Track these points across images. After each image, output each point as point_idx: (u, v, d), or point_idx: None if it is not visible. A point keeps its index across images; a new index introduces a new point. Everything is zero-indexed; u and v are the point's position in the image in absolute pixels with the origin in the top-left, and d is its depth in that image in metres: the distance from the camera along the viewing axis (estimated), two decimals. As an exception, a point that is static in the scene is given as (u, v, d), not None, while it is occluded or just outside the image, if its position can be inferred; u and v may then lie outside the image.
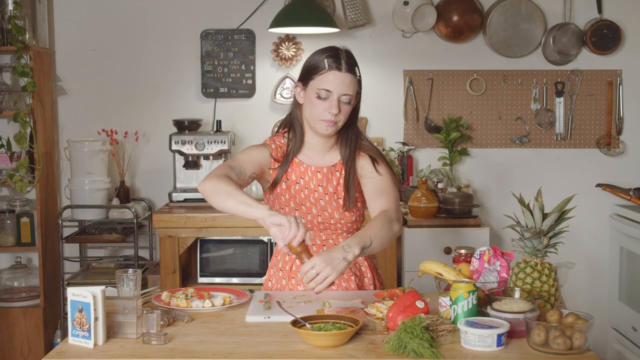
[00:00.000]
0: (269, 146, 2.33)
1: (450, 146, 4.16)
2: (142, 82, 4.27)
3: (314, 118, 2.24)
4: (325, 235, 2.36)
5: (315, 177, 2.33)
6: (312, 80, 2.22)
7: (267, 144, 2.35)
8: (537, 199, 2.05)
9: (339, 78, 2.19)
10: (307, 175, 2.33)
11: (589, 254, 4.28)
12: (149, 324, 1.91)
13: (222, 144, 3.92)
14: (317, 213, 2.32)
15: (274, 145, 2.33)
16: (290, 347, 1.83)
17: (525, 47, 4.18)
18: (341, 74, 2.19)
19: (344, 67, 2.20)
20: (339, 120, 2.23)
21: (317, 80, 2.21)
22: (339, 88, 2.19)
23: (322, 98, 2.20)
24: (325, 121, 2.22)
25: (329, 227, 2.35)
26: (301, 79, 2.28)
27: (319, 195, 2.32)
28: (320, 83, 2.20)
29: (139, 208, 4.09)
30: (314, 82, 2.22)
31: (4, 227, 4.01)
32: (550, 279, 2.02)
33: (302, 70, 2.28)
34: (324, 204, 2.32)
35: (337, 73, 2.19)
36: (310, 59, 2.26)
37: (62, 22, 4.24)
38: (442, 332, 1.88)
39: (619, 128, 4.23)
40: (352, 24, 4.15)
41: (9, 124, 4.20)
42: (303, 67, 2.29)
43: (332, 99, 2.20)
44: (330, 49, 2.25)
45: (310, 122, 2.27)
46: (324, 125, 2.23)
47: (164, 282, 3.69)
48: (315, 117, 2.23)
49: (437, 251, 3.72)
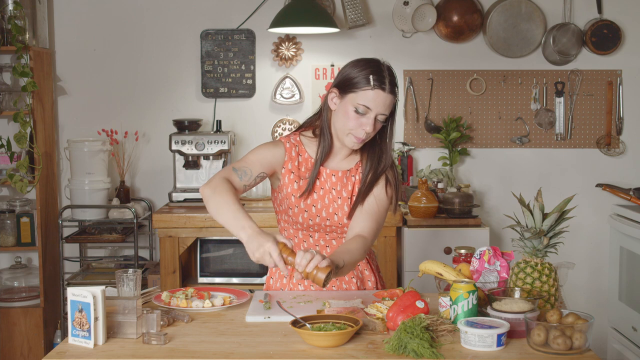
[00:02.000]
0: (283, 144, 2.31)
1: (450, 146, 4.16)
2: (142, 82, 4.27)
3: (345, 130, 2.21)
4: (330, 237, 2.36)
5: (329, 180, 2.32)
6: (352, 93, 2.18)
7: (281, 141, 2.32)
8: (537, 199, 2.05)
9: (381, 98, 2.16)
10: (322, 177, 2.32)
11: (589, 254, 4.28)
12: (149, 324, 1.91)
13: (222, 144, 3.92)
14: (326, 216, 2.31)
15: (289, 144, 2.31)
16: (290, 347, 1.83)
17: (525, 47, 4.18)
18: (384, 95, 2.17)
19: (387, 87, 2.17)
20: (369, 137, 2.22)
21: (359, 95, 2.17)
22: (379, 107, 2.17)
23: (359, 113, 2.18)
24: (356, 137, 2.21)
25: (335, 231, 2.34)
26: (339, 87, 2.23)
27: (333, 198, 2.31)
28: (361, 99, 2.17)
29: (139, 208, 4.09)
30: (354, 95, 2.18)
31: (4, 227, 4.01)
32: (550, 279, 2.02)
33: (342, 78, 2.22)
34: (336, 207, 2.31)
35: (381, 93, 2.16)
36: (352, 69, 2.21)
37: (62, 22, 4.24)
38: (442, 332, 1.88)
39: (619, 128, 4.23)
40: (352, 24, 4.15)
41: (9, 124, 4.20)
42: (342, 75, 2.23)
43: (370, 116, 2.18)
44: (374, 64, 2.20)
45: (340, 132, 2.24)
46: (354, 140, 2.21)
47: (164, 282, 3.70)
48: (348, 129, 2.21)
49: (437, 251, 3.72)
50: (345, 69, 2.23)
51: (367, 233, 2.23)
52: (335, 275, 2.00)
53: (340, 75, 2.23)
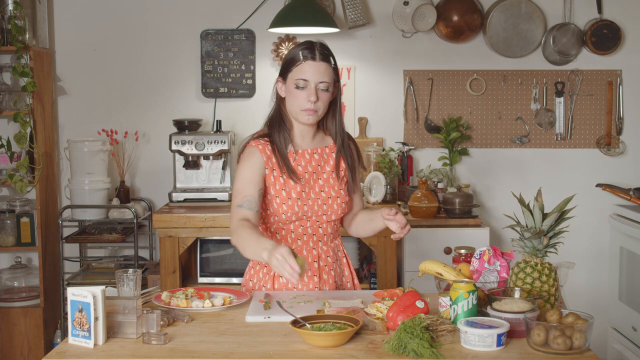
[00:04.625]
0: (255, 148, 2.37)
1: (450, 146, 4.16)
2: (142, 82, 4.27)
3: (295, 108, 2.35)
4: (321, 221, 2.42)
5: (313, 159, 2.42)
6: (290, 73, 2.35)
7: (252, 146, 2.38)
8: (537, 199, 2.05)
9: (314, 67, 2.32)
10: (304, 159, 2.41)
11: (589, 254, 4.28)
12: (149, 324, 1.91)
13: (222, 144, 3.92)
14: (319, 193, 2.39)
15: (260, 145, 2.38)
16: (290, 347, 1.84)
17: (525, 47, 4.18)
18: (316, 63, 2.32)
19: (318, 56, 2.32)
20: (319, 108, 2.35)
21: (294, 72, 2.33)
22: (315, 77, 2.32)
23: (300, 88, 2.33)
24: (306, 110, 2.34)
25: (326, 212, 2.41)
26: (281, 74, 2.40)
27: (319, 174, 2.41)
28: (297, 74, 2.33)
29: (139, 208, 4.09)
30: (291, 74, 2.34)
31: (4, 227, 4.01)
32: (550, 279, 2.02)
33: (281, 65, 2.40)
34: (322, 182, 2.41)
35: (312, 62, 2.32)
36: (287, 54, 2.40)
37: (62, 22, 4.24)
38: (442, 332, 1.89)
39: (619, 128, 4.23)
40: (352, 24, 4.15)
41: (9, 124, 4.20)
42: (282, 63, 2.40)
43: (310, 87, 2.32)
44: (305, 42, 2.38)
45: (293, 113, 2.38)
46: (305, 114, 2.34)
47: (164, 282, 3.69)
48: (297, 107, 2.35)
49: (437, 251, 3.72)
50: (283, 58, 2.42)
51: (360, 206, 2.57)
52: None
53: (281, 65, 2.41)
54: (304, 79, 2.32)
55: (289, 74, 2.35)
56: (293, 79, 2.33)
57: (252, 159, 2.36)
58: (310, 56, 2.32)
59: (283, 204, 2.35)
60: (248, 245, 2.17)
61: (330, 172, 2.43)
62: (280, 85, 2.40)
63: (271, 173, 2.36)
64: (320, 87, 2.32)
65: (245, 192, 2.31)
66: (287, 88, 2.37)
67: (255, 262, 2.46)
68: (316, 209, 2.39)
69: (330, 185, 2.42)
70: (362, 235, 2.59)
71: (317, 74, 2.31)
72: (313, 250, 2.43)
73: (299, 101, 2.33)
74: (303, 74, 2.31)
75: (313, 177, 2.40)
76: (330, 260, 2.45)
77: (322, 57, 2.33)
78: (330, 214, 2.42)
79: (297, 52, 2.34)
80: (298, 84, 2.32)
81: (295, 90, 2.33)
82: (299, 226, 2.40)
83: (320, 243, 2.44)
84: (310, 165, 2.41)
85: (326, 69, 2.33)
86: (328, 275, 2.44)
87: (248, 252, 2.19)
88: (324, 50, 2.35)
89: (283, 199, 2.36)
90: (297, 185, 2.36)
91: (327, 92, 2.35)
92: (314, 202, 2.38)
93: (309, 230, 2.42)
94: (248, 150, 2.38)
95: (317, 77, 2.32)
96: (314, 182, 2.40)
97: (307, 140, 2.44)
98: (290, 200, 2.35)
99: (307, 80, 2.32)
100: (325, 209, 2.40)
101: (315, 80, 2.31)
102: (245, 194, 2.31)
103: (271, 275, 2.41)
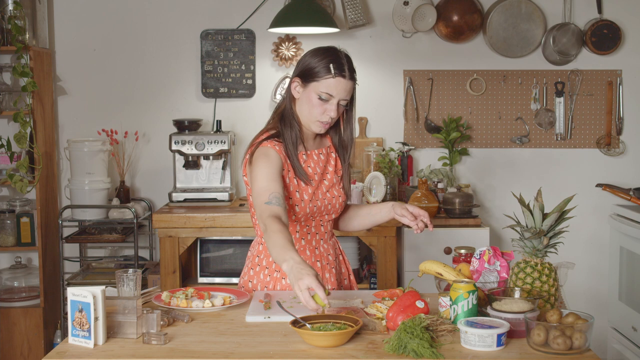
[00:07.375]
0: (273, 149, 2.32)
1: (450, 146, 4.16)
2: (142, 82, 4.27)
3: (311, 117, 2.33)
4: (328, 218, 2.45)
5: (320, 159, 2.43)
6: (314, 82, 2.29)
7: (268, 146, 2.32)
8: (537, 199, 2.05)
9: (342, 85, 2.28)
10: (312, 160, 2.41)
11: (589, 254, 4.28)
12: (149, 324, 1.91)
13: (222, 144, 3.92)
14: (326, 192, 2.41)
15: (277, 147, 2.33)
16: (290, 347, 1.83)
17: (525, 47, 4.18)
18: (344, 81, 2.29)
19: (347, 74, 2.29)
20: (333, 121, 2.35)
21: (321, 84, 2.28)
22: (341, 94, 2.30)
23: (322, 100, 2.29)
24: (322, 122, 2.33)
25: (331, 210, 2.43)
26: (301, 77, 2.33)
27: (324, 174, 2.43)
28: (324, 87, 2.28)
29: (139, 208, 4.09)
30: (316, 84, 2.29)
31: (4, 227, 4.01)
32: (550, 279, 2.02)
33: (303, 68, 2.32)
34: (327, 182, 2.43)
35: (341, 80, 2.28)
36: (312, 59, 2.31)
37: (62, 22, 4.24)
38: (442, 332, 1.89)
39: (619, 128, 4.23)
40: (352, 24, 4.15)
41: (9, 124, 4.20)
42: (303, 64, 2.33)
43: (332, 102, 2.30)
44: (333, 52, 2.31)
45: (305, 118, 2.35)
46: (319, 125, 2.34)
47: (164, 282, 3.70)
48: (313, 117, 2.32)
49: (437, 251, 3.72)
50: (305, 59, 2.34)
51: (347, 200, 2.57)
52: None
53: (301, 65, 2.34)
54: (330, 94, 2.28)
55: (313, 82, 2.29)
56: (317, 89, 2.28)
57: (271, 158, 2.29)
58: (340, 73, 2.27)
59: (296, 206, 2.34)
60: (272, 250, 2.07)
61: (332, 172, 2.45)
62: (296, 86, 2.34)
63: (287, 174, 2.33)
64: (342, 103, 2.31)
65: (272, 189, 2.22)
66: (306, 94, 2.31)
67: (255, 263, 2.45)
68: (323, 210, 2.41)
69: (333, 185, 2.44)
70: (356, 228, 2.59)
71: (343, 92, 2.29)
72: (316, 249, 2.43)
73: (317, 112, 2.30)
74: (330, 89, 2.28)
75: (320, 177, 2.42)
76: (331, 259, 2.47)
77: (350, 75, 2.30)
78: (332, 214, 2.44)
79: (327, 64, 2.28)
80: (321, 96, 2.28)
81: (317, 101, 2.29)
82: (305, 226, 2.41)
83: (322, 241, 2.46)
84: (318, 166, 2.42)
85: (352, 87, 2.32)
86: (330, 274, 2.44)
87: (272, 255, 2.10)
88: (351, 65, 2.31)
89: (296, 200, 2.34)
90: (308, 187, 2.36)
91: (344, 107, 2.35)
92: (322, 203, 2.40)
93: (313, 229, 2.43)
94: (264, 150, 2.31)
95: (342, 95, 2.29)
96: (321, 183, 2.41)
97: (310, 141, 2.44)
98: (303, 202, 2.35)
99: (332, 96, 2.28)
100: (330, 208, 2.42)
101: (340, 97, 2.29)
102: (272, 191, 2.21)
103: (273, 277, 2.40)
